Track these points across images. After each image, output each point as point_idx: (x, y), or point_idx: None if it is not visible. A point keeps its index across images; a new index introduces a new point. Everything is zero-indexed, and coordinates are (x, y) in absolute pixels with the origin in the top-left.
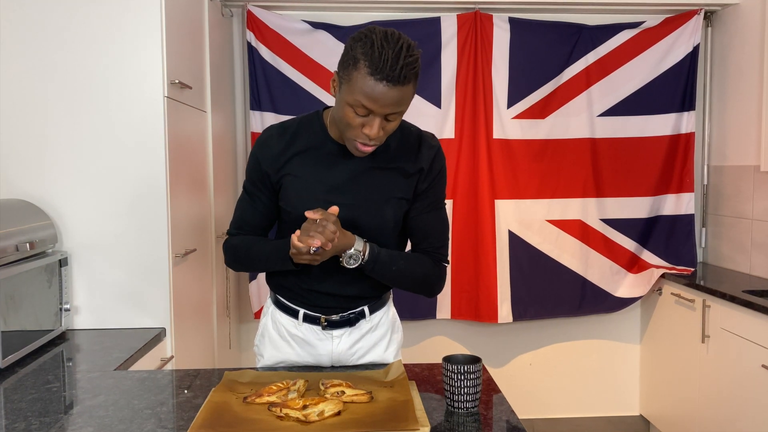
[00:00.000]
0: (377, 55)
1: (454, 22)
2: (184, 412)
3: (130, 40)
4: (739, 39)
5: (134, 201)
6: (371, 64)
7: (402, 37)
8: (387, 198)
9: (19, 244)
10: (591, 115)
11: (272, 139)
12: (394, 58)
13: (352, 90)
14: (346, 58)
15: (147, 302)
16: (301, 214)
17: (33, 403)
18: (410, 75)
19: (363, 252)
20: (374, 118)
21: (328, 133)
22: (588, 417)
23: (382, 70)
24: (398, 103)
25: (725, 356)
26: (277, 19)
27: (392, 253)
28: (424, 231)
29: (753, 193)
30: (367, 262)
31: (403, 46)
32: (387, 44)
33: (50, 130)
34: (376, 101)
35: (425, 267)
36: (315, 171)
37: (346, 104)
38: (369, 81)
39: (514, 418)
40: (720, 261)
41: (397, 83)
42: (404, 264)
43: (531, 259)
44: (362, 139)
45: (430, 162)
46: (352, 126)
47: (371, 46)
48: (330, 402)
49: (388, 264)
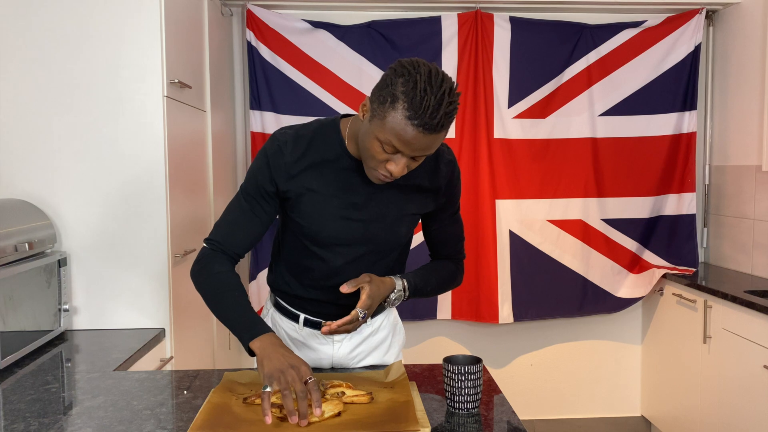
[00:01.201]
0: (419, 99)
1: (455, 22)
2: (183, 413)
3: (130, 39)
4: (740, 38)
5: (133, 201)
6: (411, 107)
7: (446, 79)
8: (402, 215)
9: (18, 244)
10: (592, 114)
11: (287, 146)
12: (435, 105)
13: (384, 127)
14: (383, 92)
15: (146, 302)
16: (314, 229)
17: (32, 404)
18: (447, 123)
19: (404, 290)
20: (402, 157)
21: (346, 146)
22: (589, 418)
23: (421, 116)
24: (429, 148)
25: (727, 357)
26: (277, 18)
27: (423, 275)
28: (446, 239)
29: (755, 193)
30: (408, 297)
31: (446, 93)
32: (430, 89)
33: (49, 130)
34: (408, 145)
35: (450, 271)
36: (331, 186)
37: (375, 138)
38: (405, 124)
39: (514, 419)
40: (721, 261)
41: (434, 131)
42: (435, 280)
43: (532, 260)
44: (383, 171)
45: (447, 179)
46: (375, 159)
47: (413, 87)
48: (330, 402)
49: (424, 287)
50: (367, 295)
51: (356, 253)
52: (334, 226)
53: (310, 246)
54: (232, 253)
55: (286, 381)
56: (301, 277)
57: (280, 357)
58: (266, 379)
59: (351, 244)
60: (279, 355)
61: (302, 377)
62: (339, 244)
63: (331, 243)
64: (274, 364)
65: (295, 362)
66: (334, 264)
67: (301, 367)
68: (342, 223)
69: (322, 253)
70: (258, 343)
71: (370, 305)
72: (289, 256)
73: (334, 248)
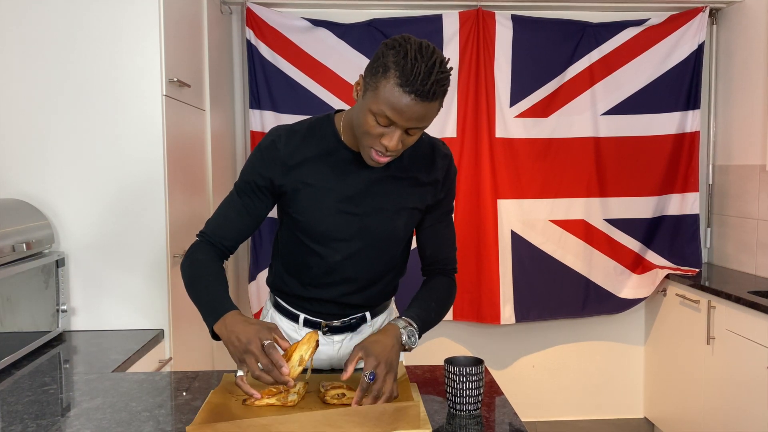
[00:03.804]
0: (410, 67)
1: (456, 20)
2: (182, 414)
3: (128, 37)
4: (744, 37)
5: (132, 200)
6: (402, 74)
7: (436, 51)
8: (400, 208)
9: (16, 245)
10: (594, 113)
11: (280, 141)
12: (426, 72)
13: (377, 98)
14: (375, 65)
15: (145, 303)
16: (311, 224)
17: (29, 406)
18: (439, 92)
19: (410, 324)
20: (395, 130)
21: (341, 138)
22: (592, 419)
23: (412, 83)
24: (422, 119)
25: (731, 358)
26: (276, 16)
27: (421, 304)
28: (438, 242)
29: (759, 192)
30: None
31: (436, 62)
32: (421, 57)
33: (47, 129)
34: (401, 114)
35: (446, 290)
36: (328, 179)
37: (368, 111)
38: (397, 92)
39: (516, 421)
40: (725, 261)
41: (425, 99)
42: (435, 304)
43: (534, 260)
44: (379, 147)
45: (444, 172)
46: (370, 134)
47: (404, 56)
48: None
49: (428, 316)
50: (369, 361)
51: (353, 248)
52: (331, 219)
53: (308, 242)
54: (219, 244)
55: (251, 363)
56: (300, 275)
57: (237, 338)
58: (236, 363)
59: (348, 238)
60: (236, 336)
61: (261, 350)
62: (336, 239)
63: (328, 238)
64: (235, 346)
65: (251, 335)
66: (331, 260)
67: (255, 339)
68: (338, 216)
69: (319, 249)
70: (219, 326)
71: (367, 362)
72: (288, 255)
73: (331, 243)
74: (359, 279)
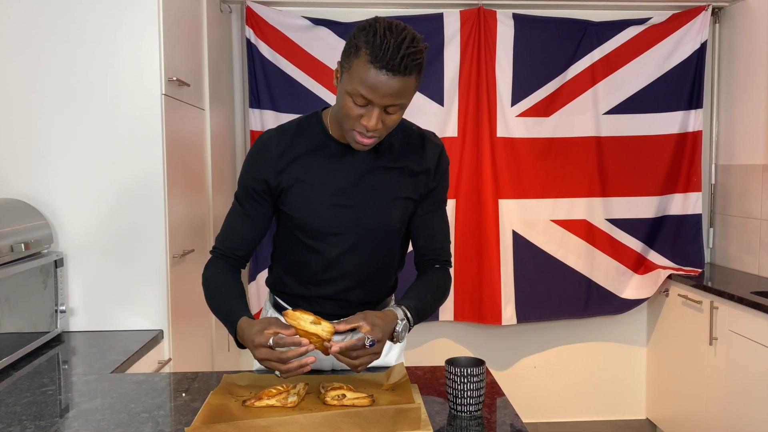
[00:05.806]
0: (379, 43)
1: (457, 19)
2: (182, 415)
3: (128, 36)
4: (747, 36)
5: (131, 200)
6: (372, 52)
7: (407, 28)
8: (393, 198)
9: (14, 245)
10: (596, 113)
11: (271, 142)
12: (396, 47)
13: (351, 78)
14: (348, 47)
15: (144, 304)
16: (306, 219)
17: (28, 407)
18: (412, 66)
19: (407, 318)
20: (373, 108)
21: (330, 132)
22: (593, 420)
23: (382, 58)
24: (398, 95)
25: (733, 359)
26: (276, 15)
27: (418, 295)
28: (430, 231)
29: (761, 192)
30: (413, 322)
31: (406, 37)
32: (390, 33)
33: (46, 129)
34: (375, 90)
35: (443, 283)
36: (319, 173)
37: (345, 93)
38: (369, 69)
39: (518, 422)
40: (728, 262)
41: (398, 73)
42: (431, 296)
43: (535, 260)
44: (359, 129)
45: (436, 161)
46: (350, 116)
47: (374, 34)
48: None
49: (423, 307)
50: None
51: (349, 241)
52: (325, 214)
53: (304, 239)
54: (232, 256)
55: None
56: (299, 273)
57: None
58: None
59: (343, 232)
60: (249, 344)
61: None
62: (331, 233)
63: (324, 233)
64: (255, 355)
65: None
66: (328, 255)
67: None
68: (332, 210)
69: (315, 244)
70: (240, 337)
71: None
72: (285, 254)
73: (327, 238)
74: (357, 273)
